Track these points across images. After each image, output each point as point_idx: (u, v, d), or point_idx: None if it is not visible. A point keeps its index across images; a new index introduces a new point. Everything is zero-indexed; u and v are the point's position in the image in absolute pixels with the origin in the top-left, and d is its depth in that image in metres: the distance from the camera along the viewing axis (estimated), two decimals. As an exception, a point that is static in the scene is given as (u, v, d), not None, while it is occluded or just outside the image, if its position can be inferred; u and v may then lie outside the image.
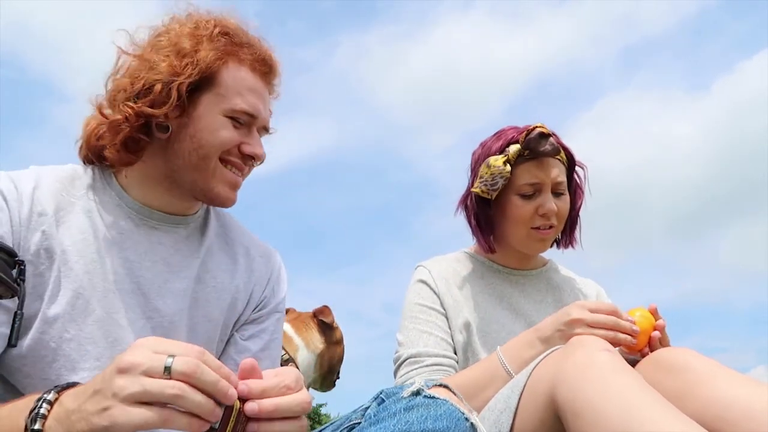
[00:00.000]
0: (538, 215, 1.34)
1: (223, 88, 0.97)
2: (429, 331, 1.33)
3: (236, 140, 0.99)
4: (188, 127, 0.96)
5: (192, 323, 1.00)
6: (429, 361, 1.28)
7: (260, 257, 1.13)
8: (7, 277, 0.69)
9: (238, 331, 1.08)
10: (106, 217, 0.96)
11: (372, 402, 0.76)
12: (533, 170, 1.33)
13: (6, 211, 0.87)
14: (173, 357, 0.58)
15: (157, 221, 1.00)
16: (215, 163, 0.98)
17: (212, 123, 0.96)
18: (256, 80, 1.01)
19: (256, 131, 1.02)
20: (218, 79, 0.97)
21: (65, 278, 0.89)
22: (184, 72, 0.93)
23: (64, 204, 0.93)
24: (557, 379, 0.87)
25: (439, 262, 1.48)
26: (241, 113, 0.98)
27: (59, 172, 0.97)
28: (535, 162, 1.33)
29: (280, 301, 1.15)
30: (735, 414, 0.85)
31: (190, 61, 0.94)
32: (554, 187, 1.35)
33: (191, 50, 0.95)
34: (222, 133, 0.97)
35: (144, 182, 0.99)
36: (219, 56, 0.96)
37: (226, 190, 1.00)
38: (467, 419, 0.70)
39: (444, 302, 1.38)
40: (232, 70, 0.98)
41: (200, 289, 1.02)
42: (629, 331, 1.06)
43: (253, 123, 1.01)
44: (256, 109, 1.00)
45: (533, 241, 1.38)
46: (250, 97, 0.99)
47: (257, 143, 1.02)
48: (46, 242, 0.89)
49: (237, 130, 0.99)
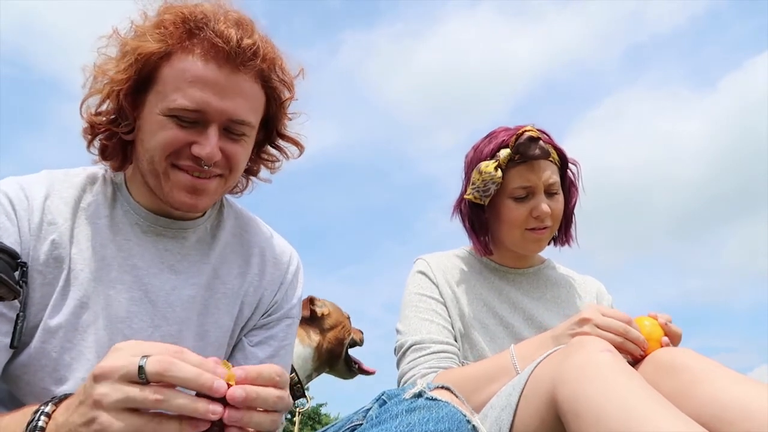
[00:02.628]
0: (532, 217, 1.35)
1: (162, 85, 0.88)
2: (430, 318, 1.34)
3: (179, 141, 0.88)
4: (140, 131, 0.91)
5: (202, 330, 0.99)
6: (435, 348, 1.29)
7: (274, 259, 1.10)
8: (9, 278, 0.70)
9: (246, 336, 1.06)
10: (115, 224, 0.95)
11: (374, 403, 0.77)
12: (525, 174, 1.34)
13: (15, 220, 0.87)
14: (146, 357, 0.57)
15: (163, 227, 0.98)
16: (165, 167, 0.90)
17: (153, 124, 0.89)
18: (207, 68, 0.87)
19: (212, 129, 0.89)
20: (158, 76, 0.88)
21: (71, 287, 0.89)
22: (124, 75, 0.88)
23: (75, 212, 0.92)
24: (558, 379, 0.88)
25: (438, 257, 1.49)
26: (180, 110, 0.87)
27: (72, 178, 0.96)
28: (526, 166, 1.34)
29: (293, 306, 1.11)
30: (733, 413, 0.85)
31: (130, 62, 0.87)
32: (547, 188, 1.36)
33: (132, 49, 0.88)
34: (161, 135, 0.88)
35: (138, 182, 0.98)
36: (160, 49, 0.87)
37: (183, 195, 0.91)
38: (469, 421, 0.70)
39: (443, 293, 1.39)
40: (174, 62, 0.88)
41: (210, 296, 1.00)
42: (638, 343, 1.05)
43: (207, 119, 0.89)
44: (201, 102, 0.87)
45: (528, 242, 1.39)
46: (192, 90, 0.86)
47: (208, 142, 0.88)
48: (55, 251, 0.89)
49: (183, 130, 0.88)
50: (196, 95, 0.87)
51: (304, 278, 1.15)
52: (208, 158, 0.88)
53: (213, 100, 0.88)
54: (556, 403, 0.86)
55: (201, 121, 0.89)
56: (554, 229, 1.41)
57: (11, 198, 0.88)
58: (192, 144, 0.89)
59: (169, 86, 0.87)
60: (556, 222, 1.40)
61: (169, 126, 0.88)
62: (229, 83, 0.89)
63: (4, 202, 0.88)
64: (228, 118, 0.90)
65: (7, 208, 0.87)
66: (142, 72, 0.88)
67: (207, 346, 1.00)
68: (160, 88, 0.88)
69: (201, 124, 0.89)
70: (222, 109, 0.88)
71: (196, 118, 0.88)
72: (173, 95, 0.87)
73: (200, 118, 0.89)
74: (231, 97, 0.89)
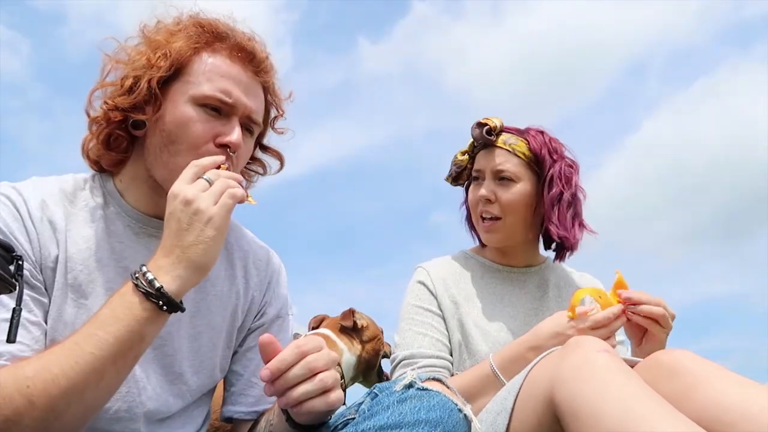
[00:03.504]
0: (480, 201, 1.42)
1: (192, 75, 0.94)
2: (424, 332, 1.34)
3: (209, 132, 0.93)
4: (159, 122, 0.93)
5: (195, 332, 1.00)
6: (423, 362, 1.29)
7: (258, 261, 1.12)
8: (4, 272, 0.70)
9: (241, 346, 1.08)
10: (107, 227, 0.96)
11: (366, 397, 0.76)
12: (479, 159, 1.45)
13: (20, 220, 0.89)
14: None
15: (155, 229, 0.99)
16: (187, 160, 0.90)
17: (182, 114, 0.92)
18: (234, 67, 0.96)
19: (235, 120, 0.95)
20: (188, 68, 0.94)
21: (69, 288, 0.90)
22: (157, 64, 0.92)
23: (69, 215, 0.94)
24: (555, 380, 0.87)
25: (438, 264, 1.49)
26: (211, 99, 0.93)
27: (62, 184, 0.98)
28: (483, 151, 1.44)
29: (282, 305, 1.13)
30: (733, 416, 0.84)
31: (163, 53, 0.93)
32: (494, 173, 1.41)
33: (165, 43, 0.94)
34: (191, 127, 0.92)
35: (133, 184, 0.99)
36: (191, 45, 0.94)
37: None
38: (460, 410, 0.70)
39: (441, 304, 1.38)
40: (204, 57, 0.95)
41: (201, 298, 1.01)
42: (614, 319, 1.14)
43: (231, 112, 0.95)
44: (231, 95, 0.94)
45: (483, 231, 1.45)
46: (222, 83, 0.93)
47: (235, 131, 0.94)
48: (56, 253, 0.90)
49: (209, 122, 0.93)
50: (227, 87, 0.94)
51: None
52: (236, 145, 0.94)
53: (240, 95, 0.95)
54: (554, 404, 0.85)
55: (226, 112, 0.95)
56: (509, 222, 1.40)
57: (12, 200, 0.90)
58: (216, 136, 0.94)
59: (201, 77, 0.94)
60: (509, 212, 1.40)
61: (197, 117, 0.92)
62: (251, 84, 0.98)
63: (7, 203, 0.89)
64: (248, 114, 0.97)
65: (11, 208, 0.89)
66: (173, 63, 0.93)
67: (200, 347, 1.00)
68: (191, 79, 0.94)
69: (224, 115, 0.95)
70: (246, 104, 0.96)
71: (224, 109, 0.94)
72: (205, 85, 0.93)
73: (227, 109, 0.94)
74: (252, 96, 0.98)
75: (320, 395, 0.75)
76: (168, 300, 0.77)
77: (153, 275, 0.78)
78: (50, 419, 0.72)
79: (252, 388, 1.05)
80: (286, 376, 0.74)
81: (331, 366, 0.76)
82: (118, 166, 1.00)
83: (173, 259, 0.79)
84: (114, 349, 0.75)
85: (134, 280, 0.78)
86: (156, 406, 0.94)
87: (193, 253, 0.79)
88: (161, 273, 0.78)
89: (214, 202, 0.82)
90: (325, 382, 0.74)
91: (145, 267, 0.79)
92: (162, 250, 0.81)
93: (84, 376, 0.73)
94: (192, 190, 0.81)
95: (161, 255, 0.80)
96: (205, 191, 0.82)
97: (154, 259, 0.81)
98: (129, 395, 0.90)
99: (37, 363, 0.74)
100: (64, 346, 0.75)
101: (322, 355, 0.76)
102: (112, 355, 0.74)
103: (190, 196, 0.81)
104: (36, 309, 0.87)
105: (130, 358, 0.77)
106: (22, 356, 0.80)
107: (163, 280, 0.78)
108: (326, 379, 0.75)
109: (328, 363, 0.76)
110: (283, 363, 0.75)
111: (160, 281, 0.77)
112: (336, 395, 0.76)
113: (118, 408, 0.90)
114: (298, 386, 0.74)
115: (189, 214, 0.80)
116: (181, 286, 0.79)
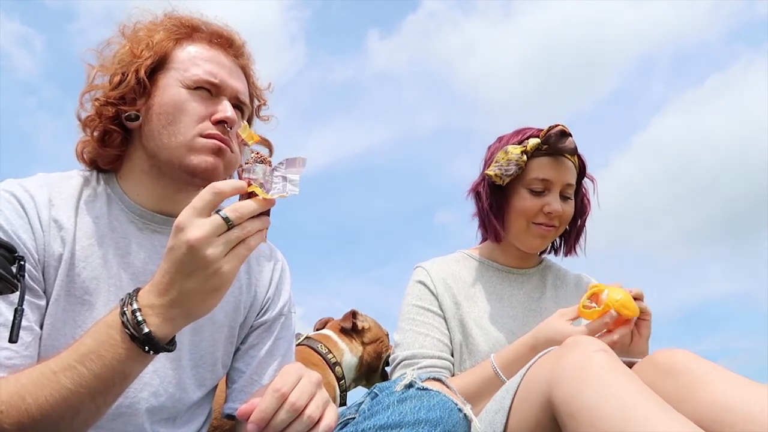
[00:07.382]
0: (543, 213, 1.36)
1: (177, 63, 0.98)
2: (425, 332, 1.34)
3: (204, 110, 0.96)
4: (153, 107, 0.96)
5: (197, 326, 1.00)
6: (424, 363, 1.29)
7: (262, 257, 1.12)
8: (6, 273, 0.71)
9: (243, 343, 1.08)
10: (111, 223, 0.97)
11: (366, 397, 0.77)
12: (546, 167, 1.35)
13: (26, 218, 0.89)
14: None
15: (158, 224, 1.00)
16: (192, 138, 0.94)
17: (175, 95, 0.95)
18: (215, 52, 1.01)
19: (226, 100, 0.98)
20: (172, 57, 0.98)
21: (72, 285, 0.90)
22: (141, 55, 0.96)
23: (76, 211, 0.95)
24: (553, 380, 0.87)
25: (439, 264, 1.48)
26: (200, 82, 0.96)
27: (69, 180, 0.99)
28: (551, 159, 1.35)
29: (285, 303, 1.13)
30: (734, 416, 0.84)
31: (146, 44, 0.97)
32: (563, 188, 1.37)
33: (146, 37, 0.98)
34: (187, 105, 0.95)
35: (135, 178, 1.00)
36: (171, 37, 0.99)
37: (206, 159, 0.95)
38: (460, 410, 0.70)
39: (442, 304, 1.38)
40: (185, 46, 1.00)
41: None
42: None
43: (220, 93, 0.99)
44: (217, 76, 0.98)
45: (532, 236, 1.39)
46: (207, 66, 0.98)
47: (227, 108, 0.97)
48: (62, 249, 0.91)
49: (203, 103, 0.96)
50: (212, 69, 0.98)
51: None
52: (232, 120, 0.96)
53: (226, 77, 0.99)
54: (552, 405, 0.86)
55: (215, 93, 0.98)
56: (559, 232, 1.42)
57: (18, 197, 0.90)
58: (211, 115, 0.96)
59: (186, 63, 0.98)
60: (562, 226, 1.41)
61: (191, 98, 0.96)
62: (233, 67, 1.02)
63: (13, 201, 0.90)
64: (236, 95, 1.01)
65: (16, 206, 0.89)
66: (157, 53, 0.97)
67: (202, 341, 1.01)
68: (176, 66, 0.98)
69: (215, 96, 0.98)
70: (233, 85, 1.00)
71: (213, 90, 0.98)
72: (191, 69, 0.97)
73: (216, 90, 0.98)
74: (236, 78, 1.02)
75: (312, 428, 0.74)
76: (155, 346, 0.71)
77: (142, 317, 0.70)
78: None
79: (254, 386, 1.05)
80: (273, 423, 0.73)
81: (315, 394, 0.75)
82: (115, 163, 1.01)
83: (167, 301, 0.71)
84: (93, 386, 0.70)
85: (122, 316, 0.71)
86: (158, 401, 0.94)
87: (191, 302, 0.71)
88: (152, 314, 0.70)
89: (227, 251, 0.70)
90: (313, 417, 0.74)
91: (136, 303, 0.71)
92: (156, 286, 0.71)
93: (59, 411, 0.70)
94: (201, 231, 0.68)
95: (155, 293, 0.71)
96: (220, 235, 0.70)
97: (146, 292, 0.72)
98: (131, 391, 0.91)
99: (13, 387, 0.71)
100: (42, 372, 0.71)
101: (303, 389, 0.75)
102: (90, 393, 0.70)
103: (197, 239, 0.68)
104: (30, 313, 0.86)
105: (110, 396, 0.73)
106: (8, 363, 0.79)
107: (152, 322, 0.70)
108: (314, 414, 0.74)
109: (312, 392, 0.75)
110: (266, 413, 0.73)
111: (149, 324, 0.70)
112: (326, 422, 0.75)
113: (120, 403, 0.90)
114: (287, 429, 0.73)
115: (193, 260, 0.68)
116: (173, 330, 0.72)
